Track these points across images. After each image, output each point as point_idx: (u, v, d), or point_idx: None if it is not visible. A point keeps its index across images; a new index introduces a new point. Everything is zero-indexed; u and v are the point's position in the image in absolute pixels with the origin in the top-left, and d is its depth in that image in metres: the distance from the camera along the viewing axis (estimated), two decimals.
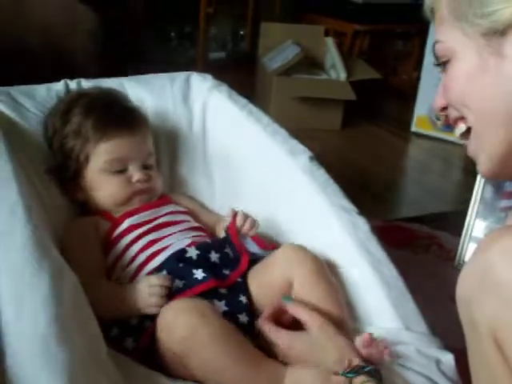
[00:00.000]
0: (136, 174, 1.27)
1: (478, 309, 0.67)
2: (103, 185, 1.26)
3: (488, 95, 0.74)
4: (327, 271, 1.17)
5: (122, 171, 1.27)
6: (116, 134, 1.26)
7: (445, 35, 0.79)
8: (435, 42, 0.81)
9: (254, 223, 1.25)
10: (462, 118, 0.81)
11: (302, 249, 1.18)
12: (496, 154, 0.76)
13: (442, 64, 0.81)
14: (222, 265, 1.18)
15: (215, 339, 0.97)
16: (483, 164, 0.79)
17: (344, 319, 1.10)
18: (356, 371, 0.92)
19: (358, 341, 1.01)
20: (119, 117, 1.30)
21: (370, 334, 1.02)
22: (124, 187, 1.27)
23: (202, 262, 1.16)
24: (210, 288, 1.10)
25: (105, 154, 1.26)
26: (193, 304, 1.02)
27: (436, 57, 0.81)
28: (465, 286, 0.70)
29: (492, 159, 0.77)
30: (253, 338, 1.07)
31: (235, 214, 1.25)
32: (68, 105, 1.32)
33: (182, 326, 0.97)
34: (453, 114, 0.83)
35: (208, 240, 1.26)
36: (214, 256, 1.18)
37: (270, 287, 1.15)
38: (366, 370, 0.92)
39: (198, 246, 1.19)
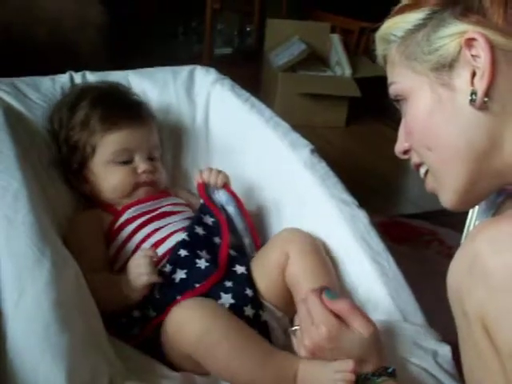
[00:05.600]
0: (142, 165, 1.28)
1: (466, 296, 0.69)
2: (108, 175, 1.27)
3: (447, 130, 0.77)
4: (321, 247, 1.21)
5: (127, 162, 1.28)
6: (123, 125, 1.28)
7: (398, 76, 0.82)
8: (390, 84, 0.85)
9: (220, 173, 1.28)
10: (423, 164, 0.84)
11: (298, 229, 1.22)
12: (459, 188, 0.79)
13: (399, 103, 0.84)
14: (210, 234, 1.21)
15: (227, 337, 0.98)
16: (447, 199, 0.81)
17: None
18: (379, 373, 0.92)
19: None
20: (127, 109, 1.32)
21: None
22: (129, 178, 1.28)
23: (195, 240, 1.18)
24: (216, 282, 1.12)
25: (112, 145, 1.27)
26: (202, 303, 1.04)
27: (392, 97, 0.85)
28: (454, 275, 0.71)
29: (455, 194, 0.80)
30: (259, 330, 1.08)
31: (201, 172, 1.29)
32: (75, 98, 1.33)
33: (195, 327, 0.98)
34: (414, 158, 0.86)
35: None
36: (199, 230, 1.21)
37: (268, 262, 1.18)
38: (388, 371, 0.92)
39: (186, 229, 1.21)
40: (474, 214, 1.79)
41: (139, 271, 1.07)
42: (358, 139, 3.05)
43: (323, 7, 3.66)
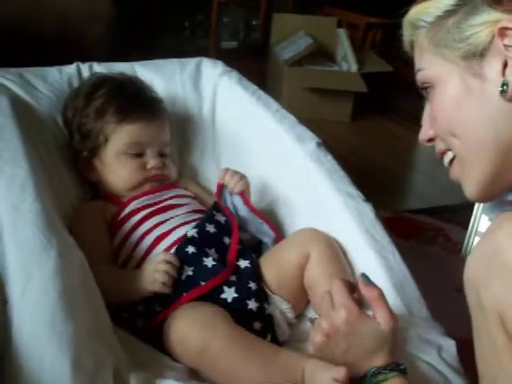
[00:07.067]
0: (152, 161, 1.29)
1: (484, 290, 0.68)
2: (118, 167, 1.28)
3: (475, 120, 0.76)
4: (339, 249, 1.21)
5: (138, 156, 1.28)
6: (139, 118, 1.28)
7: (427, 63, 0.81)
8: (417, 71, 0.83)
9: (242, 180, 1.28)
10: (449, 150, 0.83)
11: (316, 230, 1.22)
12: (484, 179, 0.78)
13: (425, 90, 0.83)
14: (220, 233, 1.20)
15: (228, 346, 0.97)
16: (470, 189, 0.80)
17: None
18: (391, 368, 0.91)
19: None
20: (143, 103, 1.33)
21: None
22: (138, 172, 1.28)
23: (203, 238, 1.17)
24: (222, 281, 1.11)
25: (126, 136, 1.27)
26: (202, 313, 1.03)
27: (418, 84, 0.84)
28: (472, 268, 0.71)
29: (479, 184, 0.79)
30: (263, 323, 1.09)
31: (224, 171, 1.28)
32: (92, 87, 1.34)
33: (195, 341, 0.98)
34: (439, 146, 0.84)
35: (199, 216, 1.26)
36: (210, 227, 1.20)
37: (284, 258, 1.18)
38: (401, 368, 0.91)
39: (195, 225, 1.20)
40: (479, 211, 1.80)
41: (156, 277, 1.06)
42: (363, 134, 3.05)
43: (330, 2, 3.66)
